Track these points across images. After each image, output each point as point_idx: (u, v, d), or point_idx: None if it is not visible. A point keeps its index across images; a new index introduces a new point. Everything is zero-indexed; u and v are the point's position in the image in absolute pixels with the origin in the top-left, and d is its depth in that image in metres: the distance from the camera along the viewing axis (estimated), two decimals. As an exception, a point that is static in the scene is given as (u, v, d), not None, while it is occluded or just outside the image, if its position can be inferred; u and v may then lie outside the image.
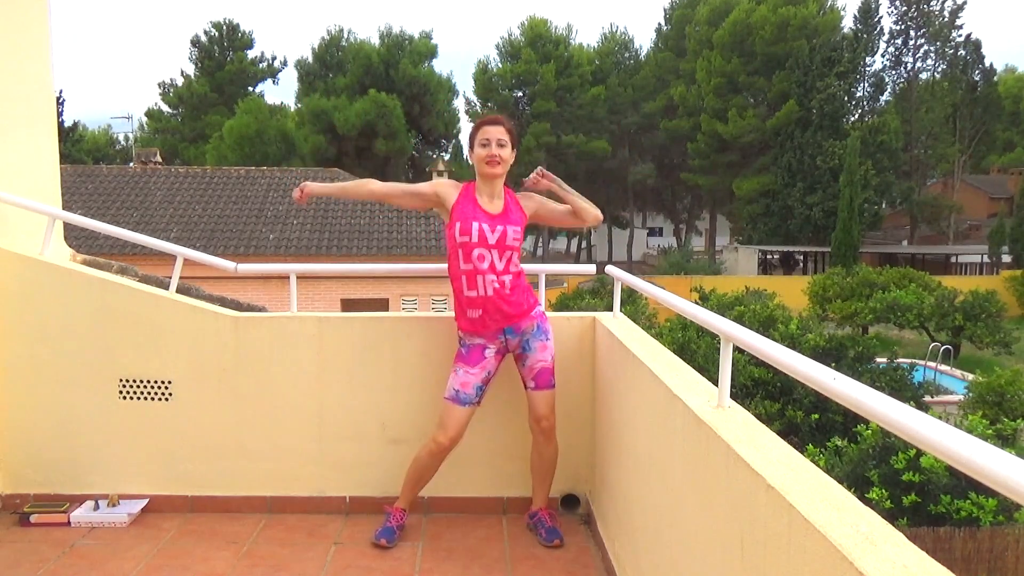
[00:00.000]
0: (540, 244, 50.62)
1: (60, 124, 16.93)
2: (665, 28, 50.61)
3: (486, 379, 3.05)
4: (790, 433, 9.32)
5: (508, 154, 3.01)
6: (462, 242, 2.95)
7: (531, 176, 3.16)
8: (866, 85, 43.09)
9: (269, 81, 48.41)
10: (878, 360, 11.38)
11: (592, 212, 3.15)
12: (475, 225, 2.93)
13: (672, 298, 2.48)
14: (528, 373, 3.09)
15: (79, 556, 2.98)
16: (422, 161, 42.09)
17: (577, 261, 50.55)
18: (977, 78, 43.72)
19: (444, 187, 3.09)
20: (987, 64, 44.16)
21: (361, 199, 3.32)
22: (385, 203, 3.21)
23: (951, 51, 42.51)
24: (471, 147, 3.05)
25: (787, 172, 39.62)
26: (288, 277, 3.48)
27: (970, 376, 13.25)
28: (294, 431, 3.39)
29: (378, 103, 36.68)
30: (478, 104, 48.02)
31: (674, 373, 2.20)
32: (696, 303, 2.95)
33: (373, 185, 3.20)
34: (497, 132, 3.00)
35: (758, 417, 1.95)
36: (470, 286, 2.96)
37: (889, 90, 44.05)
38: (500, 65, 47.07)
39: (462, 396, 3.00)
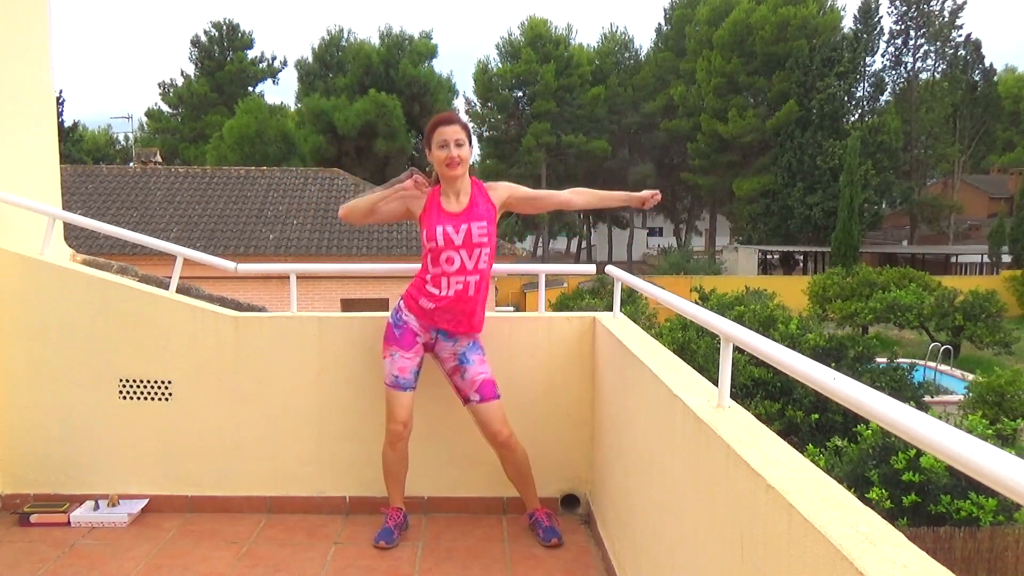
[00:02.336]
0: (540, 244, 50.60)
1: (60, 124, 16.93)
2: (665, 28, 50.61)
3: (419, 365, 3.07)
4: (790, 433, 9.33)
5: (466, 152, 2.98)
6: (430, 248, 2.96)
7: (648, 195, 3.10)
8: (866, 85, 43.09)
9: (269, 81, 48.47)
10: (878, 360, 11.38)
11: (605, 194, 3.25)
12: (439, 229, 2.93)
13: (672, 298, 2.48)
14: (470, 387, 3.05)
15: (79, 556, 2.98)
16: (422, 161, 41.93)
17: (577, 261, 50.55)
18: (977, 78, 43.72)
19: (413, 200, 3.03)
20: (987, 64, 44.20)
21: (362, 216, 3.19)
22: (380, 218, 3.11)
23: (951, 51, 42.52)
24: (428, 148, 3.01)
25: (787, 172, 39.62)
26: (288, 277, 3.48)
27: (970, 376, 13.26)
28: (294, 431, 3.39)
29: (378, 103, 36.67)
30: (478, 104, 48.05)
31: (674, 373, 2.20)
32: (696, 303, 2.95)
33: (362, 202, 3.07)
34: (454, 132, 2.96)
35: (758, 417, 1.95)
36: (434, 284, 2.97)
37: (889, 90, 44.06)
38: (500, 65, 47.06)
39: (402, 381, 3.02)
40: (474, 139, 3.25)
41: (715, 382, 1.95)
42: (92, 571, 2.86)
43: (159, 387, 3.35)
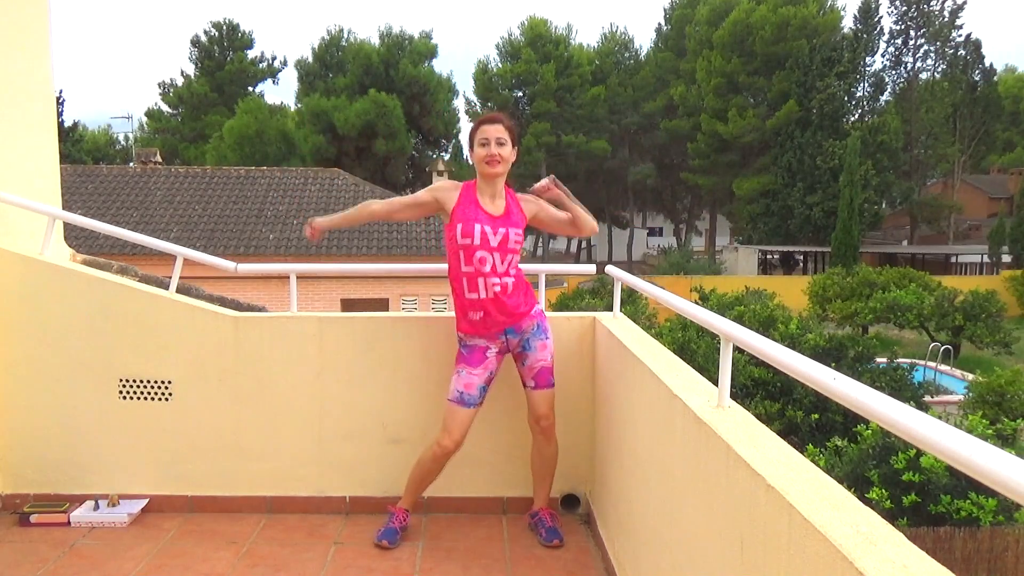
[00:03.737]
0: (540, 244, 50.61)
1: (60, 124, 16.94)
2: (665, 28, 50.60)
3: (489, 379, 3.04)
4: (790, 433, 9.33)
5: (508, 152, 2.97)
6: (463, 244, 2.91)
7: (543, 182, 3.11)
8: (866, 85, 43.09)
9: (269, 81, 48.44)
10: (878, 360, 11.38)
11: (590, 224, 3.16)
12: (477, 227, 2.90)
13: (672, 298, 2.48)
14: (528, 372, 3.07)
15: (79, 556, 2.98)
16: (422, 161, 42.08)
17: (577, 261, 50.54)
18: (977, 78, 43.71)
19: (443, 191, 3.04)
20: (987, 64, 44.17)
21: (364, 222, 3.29)
22: (390, 220, 3.19)
23: (951, 51, 42.52)
24: (471, 146, 3.02)
25: (787, 172, 39.62)
26: (288, 277, 3.48)
27: (970, 376, 13.25)
28: (294, 431, 3.39)
29: (378, 103, 36.67)
30: (478, 104, 48.03)
31: (674, 373, 2.20)
32: (696, 303, 2.95)
33: (374, 206, 3.17)
34: (496, 131, 2.96)
35: (758, 417, 1.95)
36: (471, 288, 2.93)
37: (889, 90, 44.07)
38: (500, 65, 47.07)
39: (466, 398, 2.98)
40: (519, 142, 3.28)
41: (715, 382, 1.95)
42: (92, 571, 2.86)
43: (159, 387, 3.35)
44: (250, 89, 46.55)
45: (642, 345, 2.64)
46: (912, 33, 42.61)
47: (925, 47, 42.64)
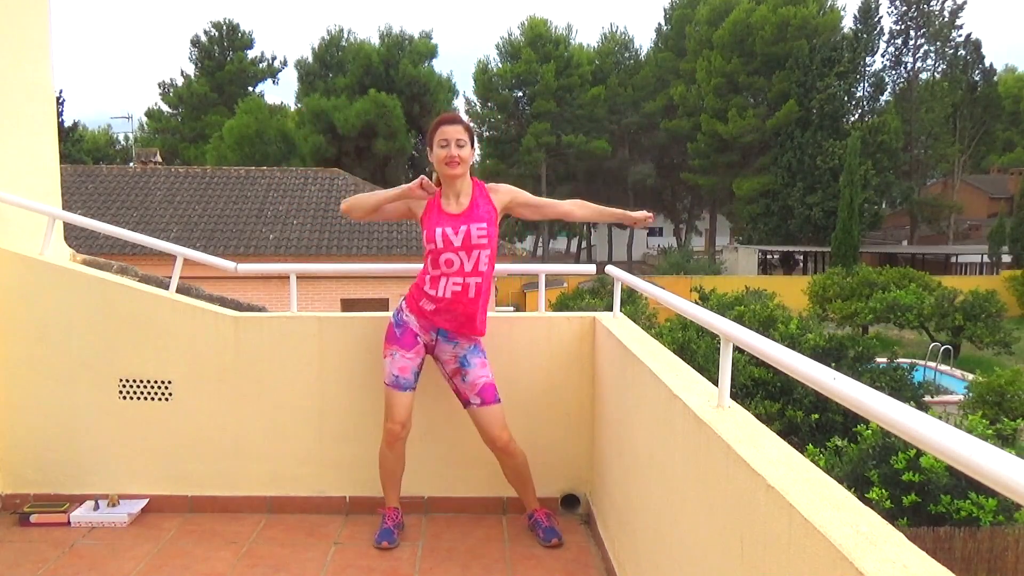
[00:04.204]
0: (540, 244, 50.60)
1: (60, 124, 16.94)
2: (665, 28, 50.59)
3: (420, 365, 3.08)
4: (790, 433, 9.32)
5: (468, 153, 2.98)
6: (429, 249, 2.96)
7: (640, 215, 3.20)
8: (866, 85, 43.09)
9: (269, 81, 48.47)
10: (878, 360, 11.38)
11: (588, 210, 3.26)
12: (438, 231, 2.93)
13: (672, 298, 2.48)
14: (471, 389, 3.04)
15: (79, 556, 2.98)
16: (422, 161, 42.07)
17: (577, 261, 50.55)
18: (977, 78, 43.71)
19: (415, 202, 3.05)
20: (987, 64, 44.17)
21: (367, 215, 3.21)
22: (381, 215, 3.14)
23: (951, 51, 42.52)
24: (430, 147, 3.01)
25: (787, 172, 39.62)
26: (288, 277, 3.48)
27: (970, 376, 13.25)
28: (294, 431, 3.39)
29: (378, 103, 36.67)
30: (478, 104, 48.05)
31: (674, 373, 2.20)
32: (696, 303, 2.94)
33: (369, 200, 3.11)
34: (456, 131, 2.96)
35: (758, 417, 1.94)
36: (432, 285, 2.97)
37: (889, 90, 44.07)
38: (500, 65, 47.06)
39: (402, 381, 3.02)
40: (476, 142, 3.29)
41: (715, 382, 1.95)
42: (92, 571, 2.86)
43: (159, 387, 3.35)
44: (250, 89, 46.56)
45: (642, 345, 2.64)
46: (912, 33, 42.62)
47: (925, 47, 42.66)
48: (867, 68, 42.65)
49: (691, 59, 44.42)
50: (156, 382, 3.35)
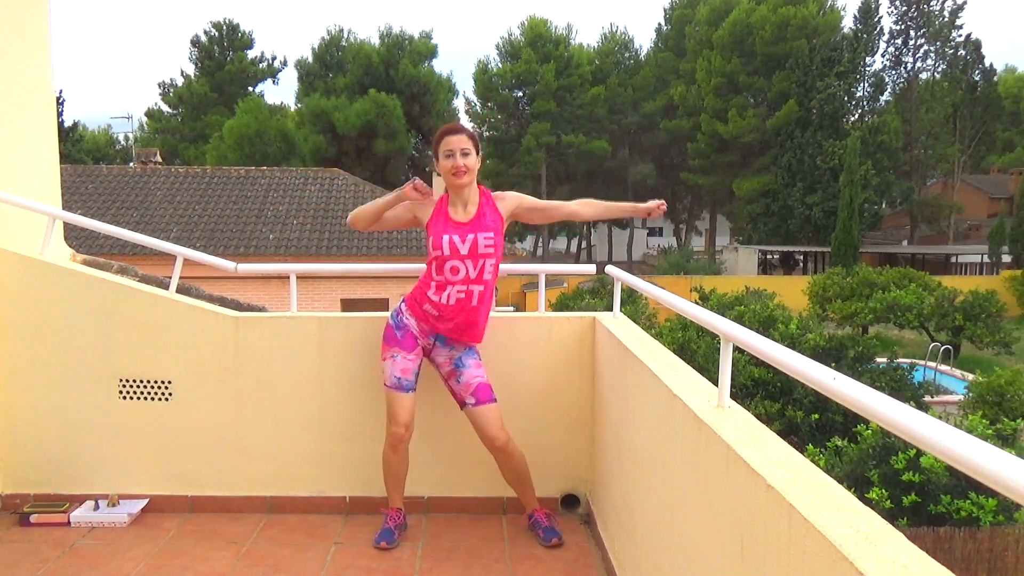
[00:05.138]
0: (540, 244, 50.59)
1: (60, 124, 16.94)
2: (665, 28, 50.61)
3: (420, 366, 3.09)
4: (790, 433, 9.33)
5: (473, 161, 2.99)
6: (435, 256, 2.97)
7: (652, 204, 3.26)
8: (866, 85, 43.08)
9: (269, 81, 48.43)
10: (878, 360, 11.38)
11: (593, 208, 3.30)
12: (445, 238, 2.94)
13: (672, 298, 2.48)
14: (465, 390, 3.05)
15: (79, 556, 2.98)
16: (422, 161, 42.11)
17: (577, 261, 50.54)
18: (977, 78, 43.71)
19: (420, 208, 3.07)
20: (987, 64, 44.16)
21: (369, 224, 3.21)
22: (380, 224, 3.15)
23: (951, 51, 42.51)
24: (436, 158, 3.03)
25: (787, 172, 39.62)
26: (288, 277, 3.48)
27: (970, 376, 13.25)
28: (294, 431, 3.39)
29: (378, 103, 36.67)
30: (478, 104, 48.05)
31: (674, 373, 2.20)
32: (696, 303, 2.95)
33: (367, 208, 3.12)
34: (460, 141, 2.97)
35: (758, 417, 1.94)
36: (436, 291, 2.98)
37: (889, 90, 44.06)
38: (500, 65, 47.06)
39: (404, 383, 3.02)
40: (481, 148, 3.32)
41: (715, 382, 1.95)
42: (92, 571, 2.86)
43: (159, 387, 3.35)
44: (250, 89, 46.54)
45: (642, 345, 2.64)
46: (912, 33, 42.61)
47: (925, 47, 42.65)
48: (867, 68, 42.64)
49: (691, 59, 44.42)
50: (156, 382, 3.35)
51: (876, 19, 42.30)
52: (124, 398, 3.36)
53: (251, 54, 47.12)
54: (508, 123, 47.55)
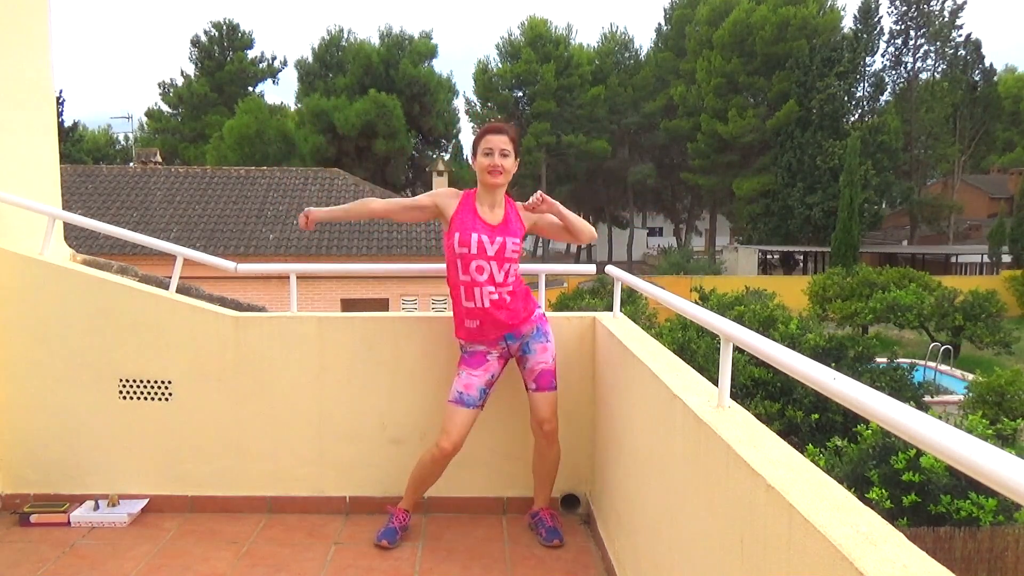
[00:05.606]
0: (540, 244, 50.60)
1: (60, 124, 16.93)
2: (665, 28, 50.61)
3: (490, 382, 3.05)
4: (790, 433, 9.32)
5: (511, 164, 2.98)
6: (460, 253, 2.94)
7: (531, 200, 3.05)
8: (866, 85, 43.08)
9: (269, 81, 48.45)
10: (878, 360, 11.37)
11: (588, 232, 3.15)
12: (474, 236, 2.92)
13: (672, 298, 2.48)
14: (529, 375, 3.08)
15: (79, 556, 2.98)
16: (422, 161, 42.11)
17: (577, 261, 50.51)
18: (977, 78, 43.70)
19: (443, 197, 3.07)
20: (987, 64, 44.17)
21: (363, 218, 3.31)
22: (389, 219, 3.23)
23: (951, 51, 42.50)
24: (474, 154, 3.03)
25: (787, 172, 39.62)
26: (288, 277, 3.48)
27: (970, 376, 13.25)
28: (294, 431, 3.39)
29: (378, 103, 36.67)
30: (478, 104, 48.06)
31: (674, 373, 2.20)
32: (696, 303, 2.95)
33: (374, 204, 3.21)
34: (501, 142, 2.97)
35: (758, 417, 1.94)
36: (468, 297, 2.96)
37: (889, 90, 44.05)
38: (500, 65, 47.07)
39: (466, 398, 2.99)
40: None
41: (715, 382, 1.95)
42: (92, 571, 2.86)
43: (159, 387, 3.35)
44: (250, 89, 46.55)
45: (642, 345, 2.64)
46: (912, 33, 42.60)
47: (925, 47, 42.63)
48: (867, 68, 42.64)
49: (691, 59, 44.42)
50: (156, 382, 3.35)
51: (876, 19, 42.29)
52: (124, 398, 3.36)
53: (251, 54, 47.13)
54: (508, 123, 47.51)
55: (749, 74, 41.41)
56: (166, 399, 3.36)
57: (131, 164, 33.89)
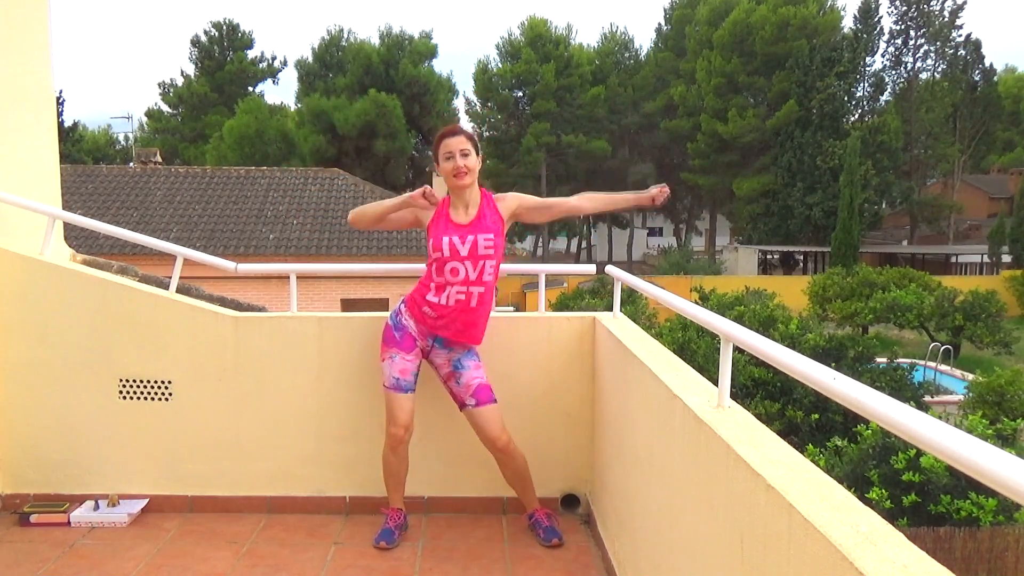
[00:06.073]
0: (540, 244, 50.59)
1: (60, 124, 16.92)
2: (665, 28, 50.61)
3: (419, 367, 3.09)
4: (790, 433, 9.32)
5: (473, 162, 2.99)
6: (435, 257, 2.97)
7: (659, 194, 3.04)
8: (866, 85, 43.08)
9: (269, 81, 48.47)
10: (878, 360, 11.37)
11: (566, 204, 3.22)
12: (445, 240, 2.95)
13: (672, 298, 2.48)
14: (465, 391, 3.05)
15: (79, 556, 2.98)
16: (422, 161, 42.10)
17: (577, 261, 50.54)
18: (977, 78, 43.69)
19: (422, 211, 3.08)
20: (987, 64, 44.15)
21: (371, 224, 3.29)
22: (383, 223, 3.21)
23: (951, 51, 42.50)
24: (436, 161, 3.05)
25: (787, 172, 39.62)
26: (288, 277, 3.48)
27: (970, 376, 13.25)
28: (294, 431, 3.39)
29: (378, 103, 36.66)
30: (478, 104, 48.05)
31: (674, 373, 2.20)
32: (696, 303, 2.94)
33: (369, 208, 3.16)
34: (459, 143, 2.98)
35: (758, 417, 1.94)
36: (436, 293, 2.99)
37: (889, 90, 44.05)
38: (500, 65, 47.06)
39: (403, 383, 3.03)
40: (480, 147, 3.35)
41: (715, 382, 1.95)
42: (92, 571, 2.86)
43: (159, 387, 3.35)
44: (250, 89, 46.56)
45: (642, 345, 2.64)
46: (912, 33, 42.60)
47: (925, 47, 42.63)
48: (867, 68, 42.64)
49: (691, 59, 44.42)
50: (156, 382, 3.35)
51: (876, 19, 42.30)
52: (124, 398, 3.36)
53: (251, 54, 47.15)
54: (508, 123, 47.55)
55: (749, 74, 41.41)
56: (166, 399, 3.36)
57: (131, 164, 33.88)
